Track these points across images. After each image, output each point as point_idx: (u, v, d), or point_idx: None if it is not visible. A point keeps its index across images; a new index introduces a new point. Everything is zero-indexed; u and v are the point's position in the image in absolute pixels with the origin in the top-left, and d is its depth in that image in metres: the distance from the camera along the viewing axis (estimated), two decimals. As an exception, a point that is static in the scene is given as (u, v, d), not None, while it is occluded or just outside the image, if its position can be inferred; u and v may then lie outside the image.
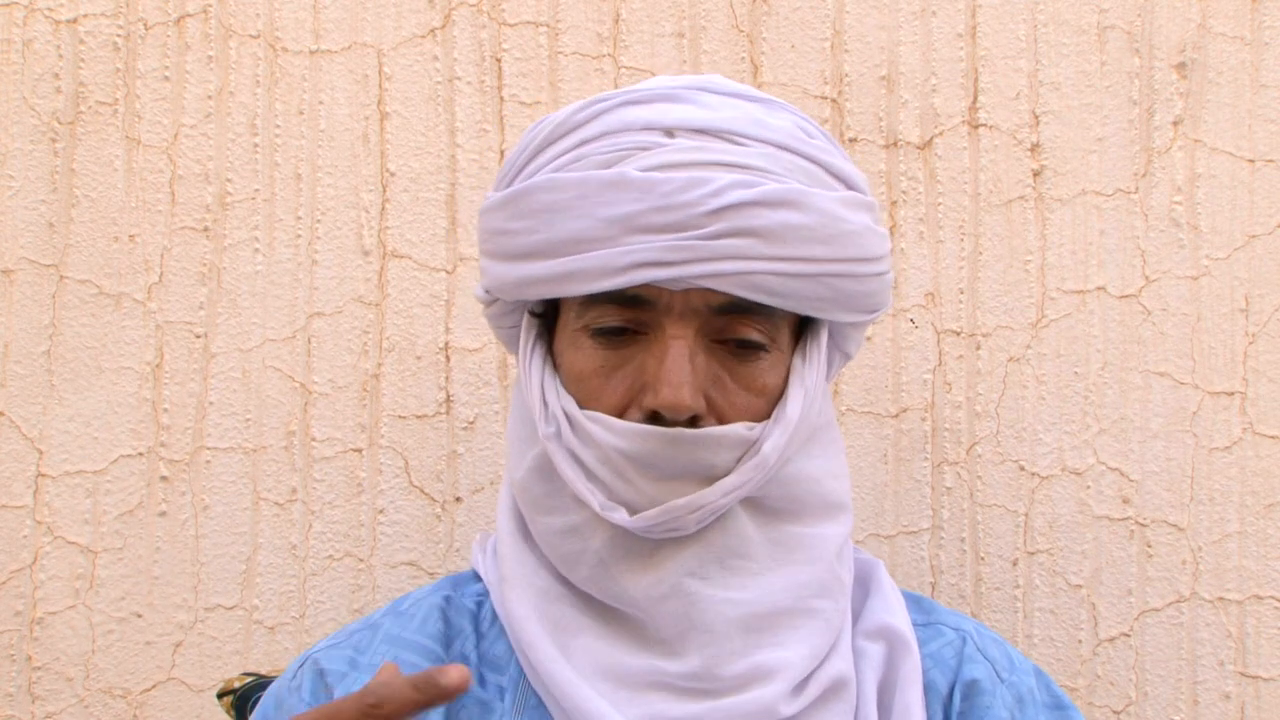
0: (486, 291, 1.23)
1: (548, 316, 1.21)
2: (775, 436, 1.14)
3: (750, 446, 1.14)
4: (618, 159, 1.14)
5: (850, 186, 1.18)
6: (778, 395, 1.16)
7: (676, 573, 1.14)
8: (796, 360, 1.18)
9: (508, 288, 1.19)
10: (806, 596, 1.16)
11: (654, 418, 1.12)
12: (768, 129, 1.16)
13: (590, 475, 1.15)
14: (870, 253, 1.17)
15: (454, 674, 0.90)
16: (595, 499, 1.14)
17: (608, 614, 1.17)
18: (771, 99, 1.21)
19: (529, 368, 1.20)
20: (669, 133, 1.15)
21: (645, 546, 1.15)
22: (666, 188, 1.11)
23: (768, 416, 1.16)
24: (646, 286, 1.12)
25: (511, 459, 1.23)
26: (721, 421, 1.14)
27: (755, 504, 1.17)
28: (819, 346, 1.19)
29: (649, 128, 1.15)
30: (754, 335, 1.15)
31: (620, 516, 1.13)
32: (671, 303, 1.13)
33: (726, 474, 1.14)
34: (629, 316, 1.15)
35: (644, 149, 1.14)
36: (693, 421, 1.13)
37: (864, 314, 1.20)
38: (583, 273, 1.13)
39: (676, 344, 1.12)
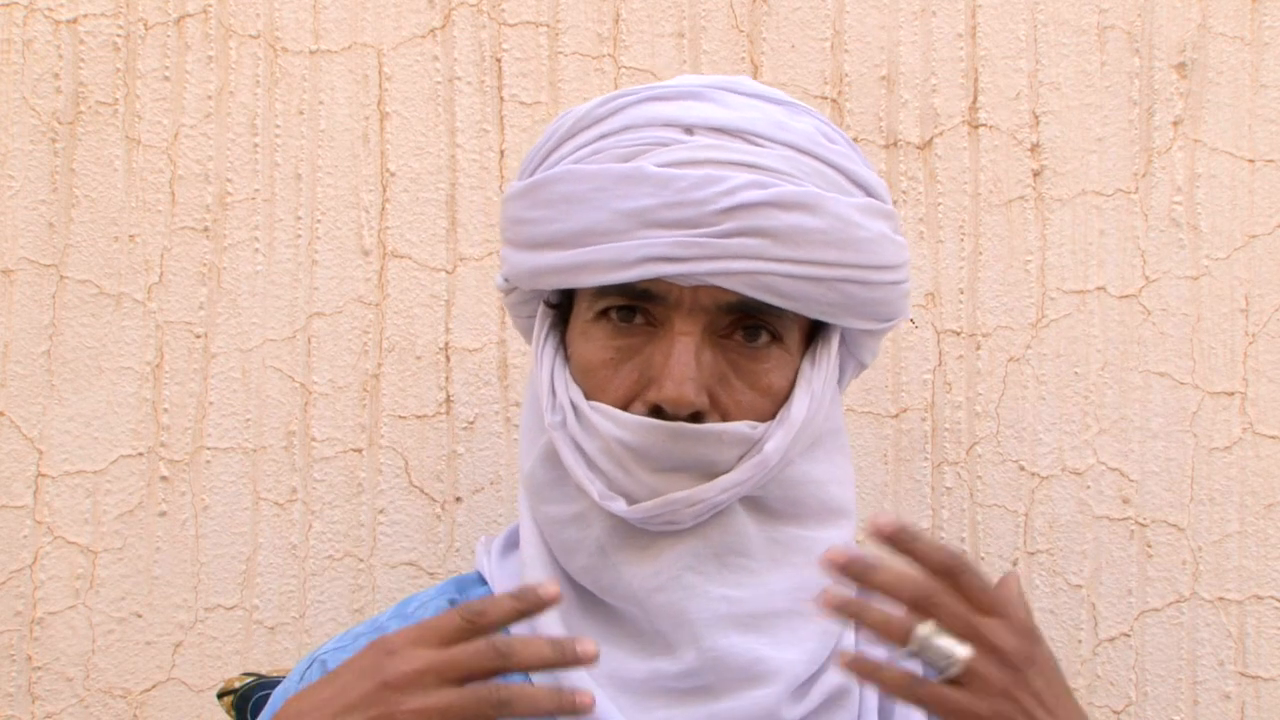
0: (505, 280, 1.24)
1: (563, 308, 1.22)
2: (778, 437, 1.14)
3: (752, 445, 1.14)
4: (636, 153, 1.14)
5: (870, 194, 1.18)
6: (784, 397, 1.17)
7: (675, 565, 1.14)
8: (805, 364, 1.18)
9: (524, 276, 1.19)
10: (803, 600, 1.16)
11: (657, 411, 1.13)
12: (788, 131, 1.16)
13: (592, 465, 1.15)
14: (884, 260, 1.16)
15: (551, 587, 1.00)
16: (595, 488, 1.15)
17: (609, 616, 1.17)
18: (795, 102, 1.21)
19: (540, 356, 1.20)
20: (688, 130, 1.15)
21: (644, 538, 1.15)
22: (681, 184, 1.11)
23: (772, 417, 1.16)
24: (656, 281, 1.13)
25: (522, 449, 1.24)
26: (725, 418, 1.14)
27: (756, 503, 1.17)
28: (829, 352, 1.19)
29: (669, 124, 1.15)
30: (762, 327, 1.15)
31: (619, 506, 1.14)
32: (681, 298, 1.13)
33: (727, 471, 1.14)
34: (639, 304, 1.15)
35: (663, 145, 1.14)
36: (696, 417, 1.13)
37: (877, 322, 1.20)
38: (594, 264, 1.13)
39: (683, 340, 1.13)
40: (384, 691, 0.99)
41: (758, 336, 1.16)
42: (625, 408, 1.14)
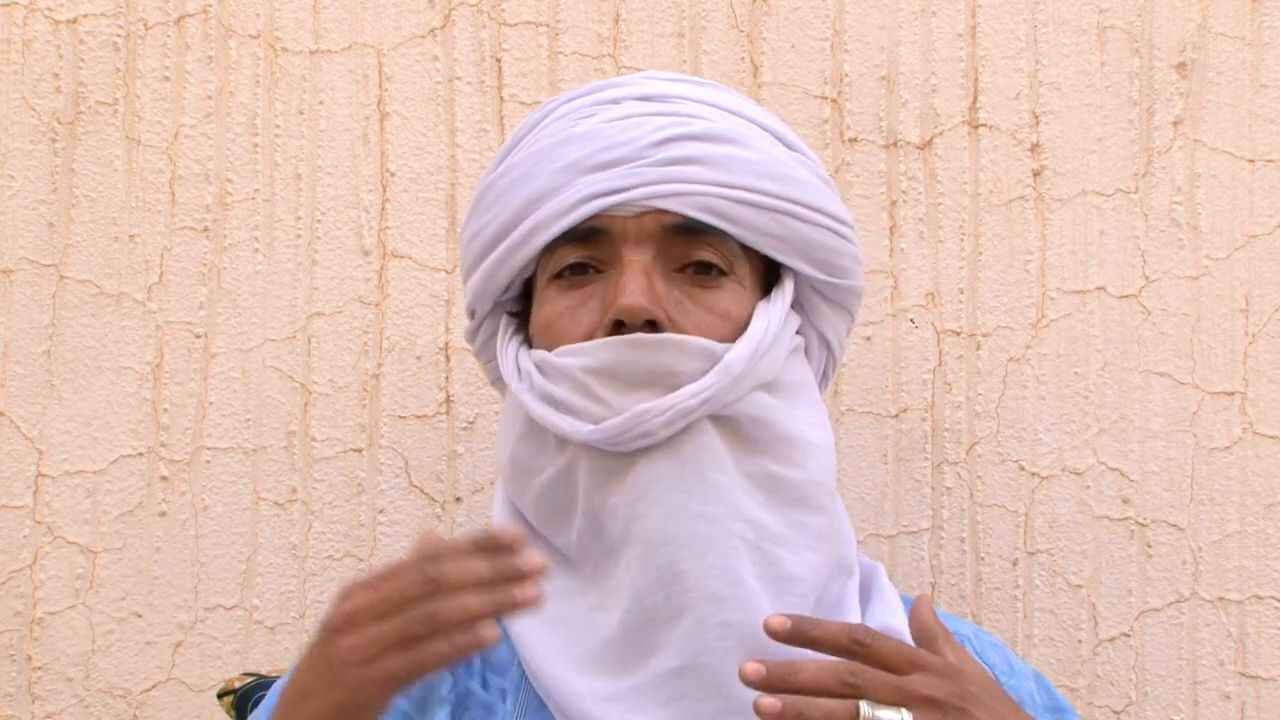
0: (471, 316, 1.28)
1: (523, 315, 1.25)
2: (741, 346, 1.17)
3: (716, 359, 1.16)
4: (567, 128, 1.21)
5: (796, 152, 1.25)
6: (742, 326, 1.19)
7: (653, 486, 1.15)
8: (761, 302, 1.22)
9: (484, 287, 1.24)
10: (766, 542, 1.16)
11: (618, 330, 1.16)
12: (711, 96, 1.23)
13: (562, 407, 1.17)
14: (821, 205, 1.22)
15: (512, 530, 1.00)
16: (567, 424, 1.16)
17: (602, 603, 1.17)
18: (716, 85, 1.28)
19: (505, 352, 1.24)
20: (615, 102, 1.22)
21: (621, 463, 1.16)
22: (610, 131, 1.18)
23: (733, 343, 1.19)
24: (599, 217, 1.17)
25: (501, 448, 1.25)
26: None
27: (727, 425, 1.17)
28: (784, 295, 1.22)
29: (597, 103, 1.22)
30: (710, 256, 1.19)
31: (589, 430, 1.15)
32: (626, 230, 1.18)
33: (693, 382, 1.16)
34: (588, 254, 1.19)
35: (591, 116, 1.21)
36: (654, 329, 1.16)
37: (825, 273, 1.23)
38: (540, 224, 1.18)
39: (634, 263, 1.17)
40: (327, 634, 1.01)
41: (709, 270, 1.19)
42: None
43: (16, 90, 1.66)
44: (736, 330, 1.19)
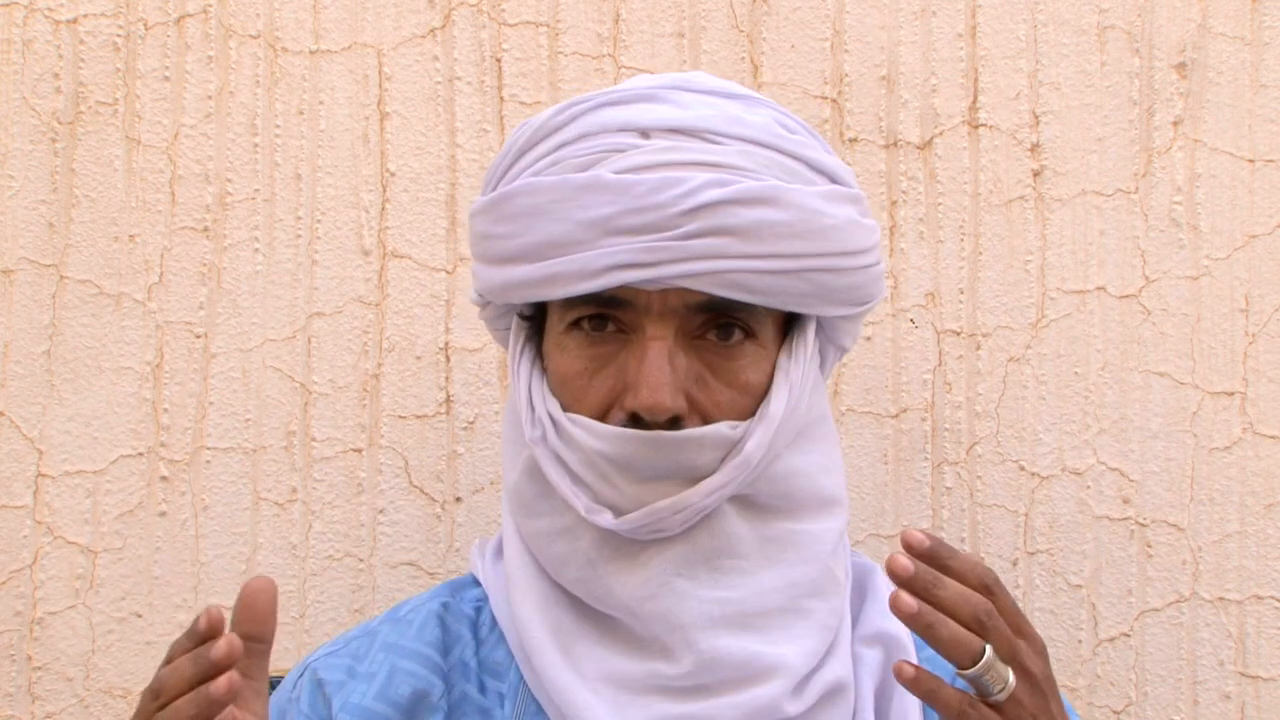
0: (479, 295, 1.24)
1: (537, 319, 1.21)
2: (759, 435, 1.14)
3: (733, 446, 1.14)
4: (594, 161, 1.14)
5: (833, 180, 1.18)
6: (762, 392, 1.16)
7: (664, 573, 1.14)
8: (782, 357, 1.17)
9: (495, 291, 1.19)
10: (799, 597, 1.16)
11: (635, 419, 1.12)
12: (745, 126, 1.16)
13: (575, 478, 1.15)
14: (853, 246, 1.16)
15: (213, 613, 0.98)
16: (580, 501, 1.14)
17: (603, 620, 1.17)
18: (751, 95, 1.21)
19: (517, 370, 1.20)
20: (644, 134, 1.15)
21: (632, 547, 1.14)
22: (640, 189, 1.11)
23: (752, 413, 1.15)
24: (624, 288, 1.13)
25: (505, 463, 1.23)
26: (705, 419, 1.14)
27: (746, 501, 1.16)
28: (805, 342, 1.18)
29: (625, 129, 1.15)
30: (733, 323, 1.15)
31: (605, 519, 1.13)
32: (650, 303, 1.13)
33: (710, 473, 1.13)
34: (608, 312, 1.15)
35: (619, 150, 1.14)
36: (675, 422, 1.12)
37: (851, 307, 1.19)
38: (561, 276, 1.13)
39: (656, 345, 1.13)
40: None
41: (731, 334, 1.15)
42: (603, 416, 1.14)
43: (16, 90, 1.66)
44: (756, 399, 1.15)
